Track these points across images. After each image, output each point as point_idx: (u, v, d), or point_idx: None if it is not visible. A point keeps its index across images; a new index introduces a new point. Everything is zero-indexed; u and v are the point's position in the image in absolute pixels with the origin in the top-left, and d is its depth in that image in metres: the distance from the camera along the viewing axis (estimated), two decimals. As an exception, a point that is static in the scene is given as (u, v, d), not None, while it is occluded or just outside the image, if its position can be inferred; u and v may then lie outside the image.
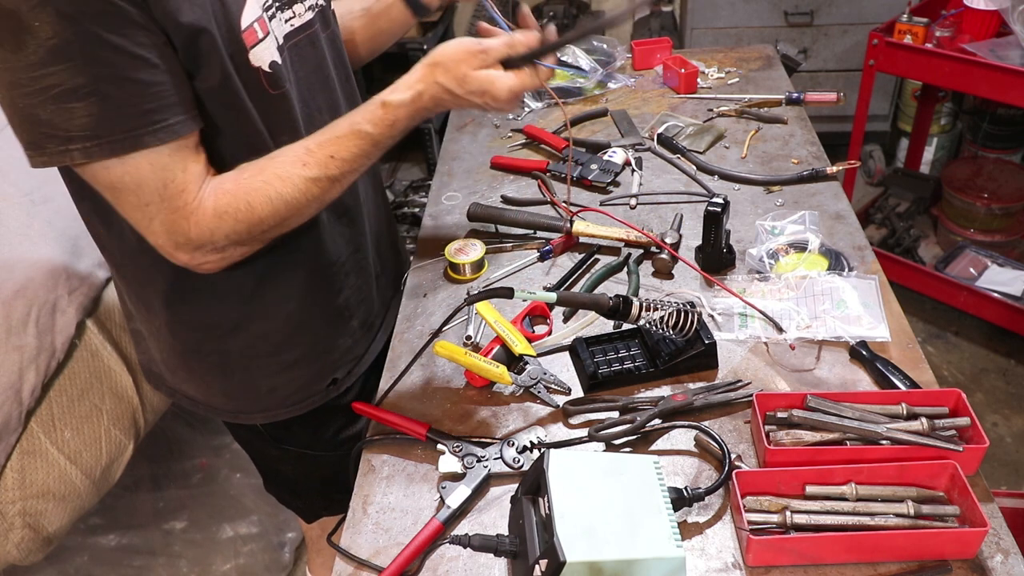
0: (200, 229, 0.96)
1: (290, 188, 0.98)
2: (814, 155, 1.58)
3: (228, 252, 1.00)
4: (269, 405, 1.28)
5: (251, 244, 1.02)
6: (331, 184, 1.01)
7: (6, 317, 1.63)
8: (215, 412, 1.30)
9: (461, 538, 0.91)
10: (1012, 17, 2.22)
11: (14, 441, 1.67)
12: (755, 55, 1.97)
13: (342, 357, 1.30)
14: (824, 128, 2.11)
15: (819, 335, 1.17)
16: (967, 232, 2.82)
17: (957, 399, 1.01)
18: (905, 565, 0.89)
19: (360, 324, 1.31)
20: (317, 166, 0.99)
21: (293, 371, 1.25)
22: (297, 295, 1.19)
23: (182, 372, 1.26)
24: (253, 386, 1.25)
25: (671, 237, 1.34)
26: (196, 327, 1.18)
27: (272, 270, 1.14)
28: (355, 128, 1.01)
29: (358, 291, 1.29)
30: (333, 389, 1.30)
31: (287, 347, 1.22)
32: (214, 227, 0.96)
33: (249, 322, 1.18)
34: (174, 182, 0.93)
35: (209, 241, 0.97)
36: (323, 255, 1.20)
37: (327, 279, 1.22)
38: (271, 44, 1.02)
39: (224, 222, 0.96)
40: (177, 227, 0.95)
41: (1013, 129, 2.96)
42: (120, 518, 2.19)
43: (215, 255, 0.99)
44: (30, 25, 0.80)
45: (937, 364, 2.66)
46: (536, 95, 1.85)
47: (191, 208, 0.94)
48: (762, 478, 0.94)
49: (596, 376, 1.13)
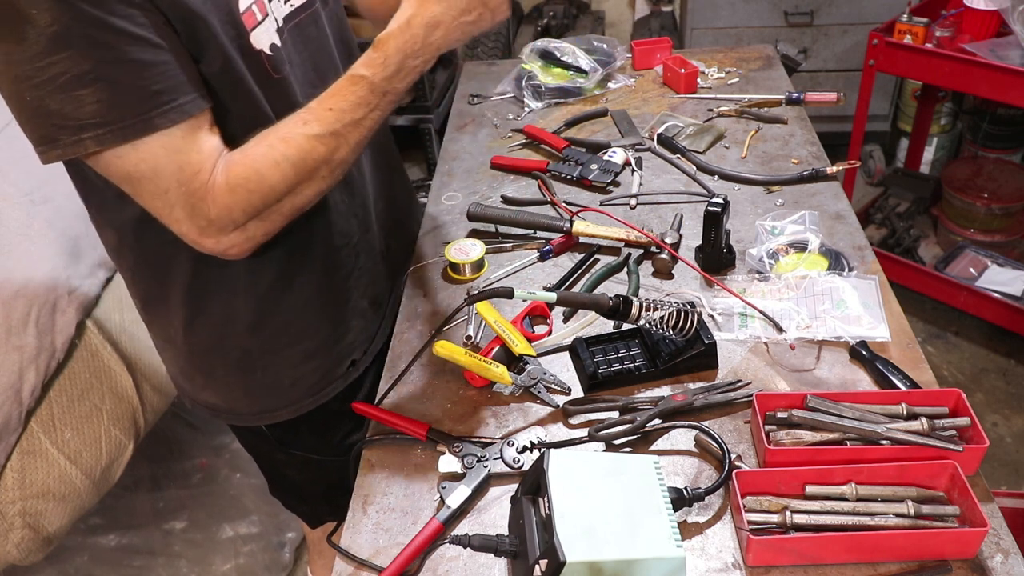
0: (218, 207, 0.94)
1: (294, 149, 0.96)
2: (814, 155, 1.58)
3: (251, 230, 0.98)
4: (293, 398, 1.27)
5: (271, 219, 0.99)
6: (335, 140, 0.97)
7: (6, 317, 1.63)
8: (238, 417, 1.30)
9: (461, 538, 0.91)
10: (1012, 17, 2.22)
11: (14, 441, 1.67)
12: (755, 55, 1.97)
13: (357, 337, 1.30)
14: (824, 128, 2.11)
15: (819, 335, 1.17)
16: (967, 232, 2.82)
17: (957, 399, 1.01)
18: (905, 565, 0.89)
19: (370, 303, 1.32)
20: (317, 122, 0.97)
21: (315, 360, 1.25)
22: (314, 282, 1.19)
23: (200, 379, 1.26)
24: (277, 380, 1.25)
25: (671, 237, 1.34)
26: (217, 324, 1.17)
27: (289, 258, 1.14)
28: (350, 75, 0.98)
29: (367, 272, 1.29)
30: (353, 371, 1.31)
31: (307, 336, 1.22)
32: (231, 203, 0.94)
33: (270, 316, 1.18)
34: (190, 164, 0.91)
35: (229, 219, 0.95)
36: (335, 237, 1.19)
37: (339, 262, 1.22)
38: (270, 26, 1.01)
39: (238, 195, 0.94)
40: (198, 210, 0.93)
41: (1013, 129, 2.96)
42: (120, 518, 2.19)
43: (239, 235, 0.97)
44: (28, 14, 0.80)
45: (937, 364, 2.66)
46: (536, 95, 1.85)
47: (207, 187, 0.93)
48: (762, 478, 0.94)
49: (596, 376, 1.13)
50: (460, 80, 2.02)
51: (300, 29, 1.08)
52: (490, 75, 2.00)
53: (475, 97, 1.91)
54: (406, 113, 3.23)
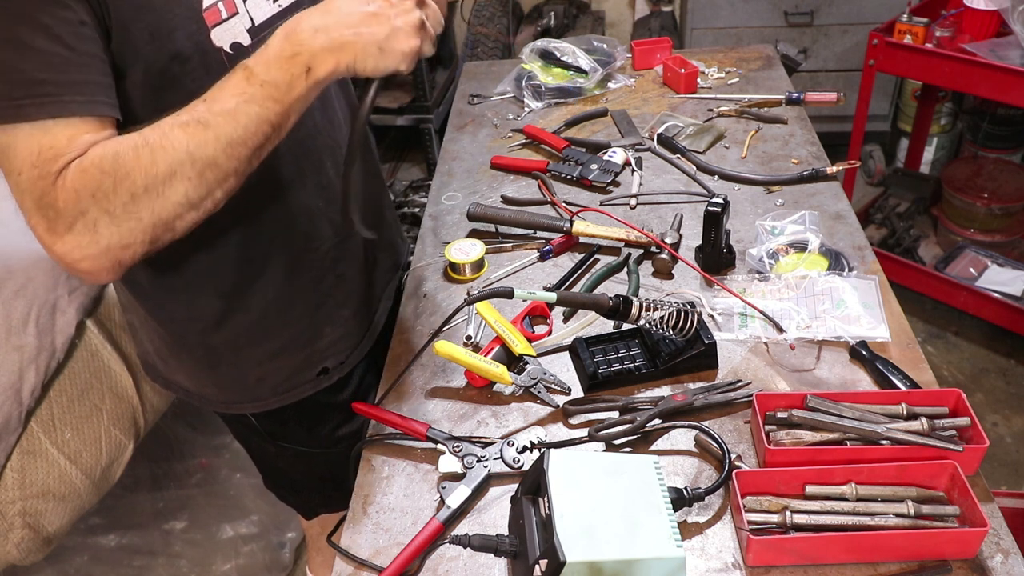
0: (67, 193, 0.84)
1: (157, 135, 0.86)
2: (814, 155, 1.58)
3: (103, 233, 0.86)
4: (259, 395, 1.27)
5: (127, 224, 0.87)
6: (202, 131, 0.86)
7: (6, 317, 1.63)
8: (208, 402, 1.30)
9: (461, 538, 0.91)
10: (1012, 17, 2.22)
11: (14, 441, 1.67)
12: (755, 55, 1.97)
13: (331, 347, 1.28)
14: (824, 128, 2.11)
15: (819, 335, 1.17)
16: (967, 232, 2.82)
17: (957, 399, 1.01)
18: (905, 565, 0.89)
19: (353, 314, 1.30)
20: (188, 111, 0.88)
21: (278, 360, 1.24)
22: (277, 284, 1.17)
23: (173, 362, 1.26)
24: (241, 376, 1.24)
25: (671, 237, 1.34)
26: (178, 321, 1.17)
27: (250, 259, 1.13)
28: (236, 67, 0.90)
29: (348, 280, 1.27)
30: (324, 379, 1.29)
31: (270, 337, 1.21)
32: (79, 185, 0.84)
33: (230, 315, 1.16)
34: (52, 148, 0.83)
35: (76, 208, 0.84)
36: (304, 242, 1.17)
37: (310, 267, 1.20)
38: (238, 24, 0.98)
39: (88, 176, 0.84)
40: (47, 197, 0.84)
41: (1013, 129, 2.96)
42: (120, 518, 2.19)
43: (88, 238, 0.86)
44: None
45: (937, 364, 2.66)
46: (536, 95, 1.85)
47: (63, 175, 0.84)
48: (762, 478, 0.94)
49: (596, 376, 1.13)
50: (460, 80, 2.02)
51: None
52: (490, 75, 2.01)
53: (475, 97, 1.91)
54: (406, 113, 3.23)
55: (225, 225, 0.99)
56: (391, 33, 0.90)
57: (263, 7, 1.03)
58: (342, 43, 0.88)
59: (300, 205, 1.14)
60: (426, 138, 3.31)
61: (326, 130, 1.16)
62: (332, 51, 0.88)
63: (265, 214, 1.10)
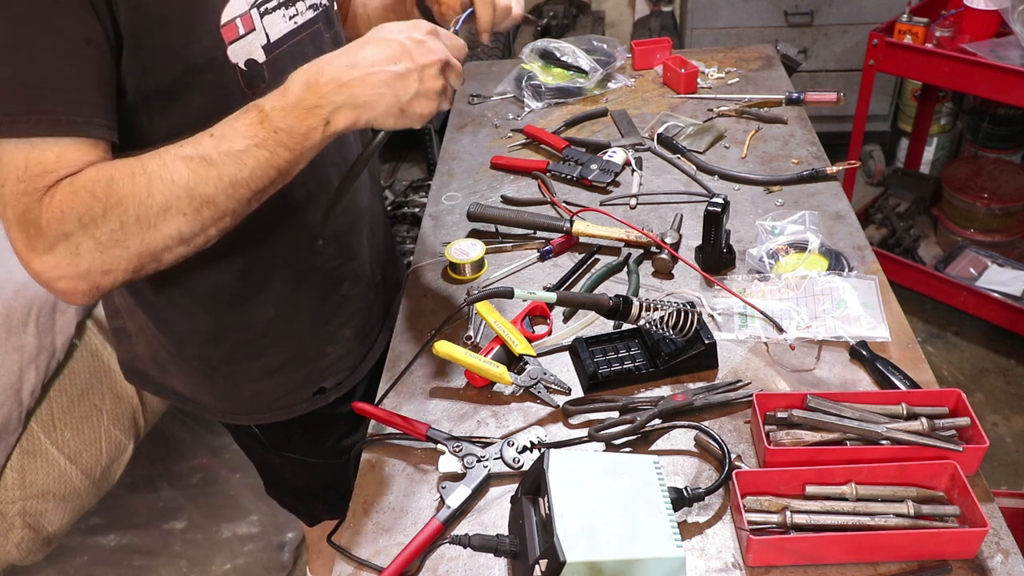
0: (52, 212, 0.81)
1: (156, 164, 0.84)
2: (814, 155, 1.58)
3: (84, 258, 0.83)
4: (255, 408, 1.26)
5: (112, 252, 0.85)
6: (205, 168, 0.84)
7: (6, 317, 1.63)
8: (205, 410, 1.29)
9: (461, 538, 0.91)
10: (1012, 17, 2.22)
11: (14, 441, 1.67)
12: (755, 55, 1.97)
13: (331, 367, 1.27)
14: (824, 128, 2.11)
15: (819, 335, 1.17)
16: (967, 232, 2.82)
17: (957, 399, 1.01)
18: (905, 565, 0.89)
19: (355, 334, 1.29)
20: (193, 144, 0.86)
21: (276, 376, 1.23)
22: (277, 302, 1.16)
23: (172, 368, 1.25)
24: (237, 390, 1.24)
25: (671, 237, 1.34)
26: (177, 332, 1.16)
27: (254, 276, 1.12)
28: (247, 105, 0.88)
29: (353, 300, 1.26)
30: (320, 398, 1.28)
31: (268, 353, 1.20)
32: (66, 206, 0.81)
33: (228, 331, 1.16)
34: (40, 163, 0.81)
35: (60, 230, 0.82)
36: (308, 261, 1.16)
37: (313, 286, 1.19)
38: (254, 41, 0.97)
39: (78, 198, 0.81)
40: (30, 213, 0.81)
41: (1013, 129, 2.96)
42: (120, 518, 2.19)
43: (68, 259, 0.83)
44: None
45: (937, 364, 2.66)
46: (536, 95, 1.85)
47: (50, 192, 0.81)
48: (762, 478, 0.94)
49: (596, 376, 1.13)
50: (460, 80, 2.02)
51: (300, 47, 1.05)
52: (490, 75, 2.01)
53: (475, 97, 1.91)
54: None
55: (232, 243, 0.99)
56: (414, 97, 0.90)
57: (279, 24, 1.02)
58: (365, 102, 0.88)
59: (307, 226, 1.13)
60: (426, 138, 3.31)
61: (336, 150, 1.14)
62: (354, 108, 0.87)
63: (272, 234, 1.10)
